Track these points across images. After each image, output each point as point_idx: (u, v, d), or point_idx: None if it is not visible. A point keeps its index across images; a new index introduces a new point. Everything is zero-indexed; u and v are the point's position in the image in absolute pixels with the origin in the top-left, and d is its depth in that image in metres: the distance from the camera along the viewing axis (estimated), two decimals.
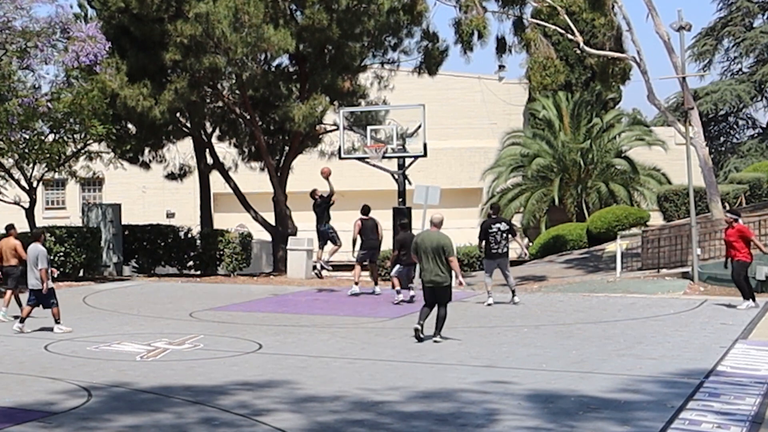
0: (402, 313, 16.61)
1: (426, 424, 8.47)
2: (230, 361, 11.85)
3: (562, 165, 39.14)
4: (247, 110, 26.25)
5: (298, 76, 26.69)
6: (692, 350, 12.30)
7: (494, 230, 17.49)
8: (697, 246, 22.23)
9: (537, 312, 16.64)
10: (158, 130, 26.18)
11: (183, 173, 30.06)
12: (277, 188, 27.22)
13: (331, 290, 20.78)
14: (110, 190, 40.94)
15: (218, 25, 22.65)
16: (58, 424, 8.52)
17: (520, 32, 27.22)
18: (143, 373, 10.94)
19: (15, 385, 10.24)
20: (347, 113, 24.74)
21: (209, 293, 20.13)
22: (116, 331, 14.57)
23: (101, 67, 23.76)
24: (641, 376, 10.59)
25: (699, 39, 56.02)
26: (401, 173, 22.41)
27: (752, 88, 54.26)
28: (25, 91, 22.70)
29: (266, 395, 9.69)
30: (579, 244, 34.16)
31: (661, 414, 8.72)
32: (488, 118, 44.38)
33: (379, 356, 12.17)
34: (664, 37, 24.93)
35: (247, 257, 27.00)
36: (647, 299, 18.74)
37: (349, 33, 24.72)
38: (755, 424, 8.39)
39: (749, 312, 15.92)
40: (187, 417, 8.76)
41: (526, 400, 9.36)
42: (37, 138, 23.55)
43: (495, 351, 12.39)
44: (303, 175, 34.90)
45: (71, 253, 23.47)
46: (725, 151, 56.70)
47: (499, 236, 17.48)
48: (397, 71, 28.63)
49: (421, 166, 27.22)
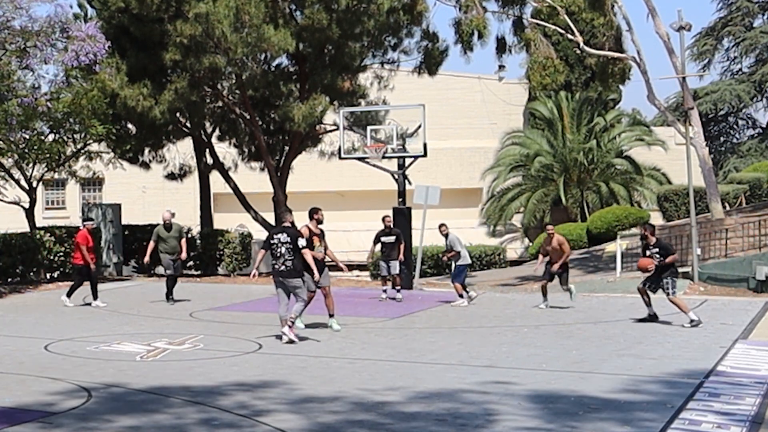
0: (402, 313, 16.62)
1: (426, 424, 8.47)
2: (230, 361, 11.84)
3: (563, 165, 39.14)
4: (247, 110, 26.25)
5: (298, 76, 26.68)
6: (692, 350, 12.30)
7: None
8: (697, 246, 22.24)
9: (537, 312, 16.64)
10: (158, 130, 26.17)
11: (183, 173, 30.05)
12: (277, 188, 27.21)
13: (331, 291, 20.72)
14: (110, 190, 40.94)
15: (218, 25, 22.64)
16: (58, 424, 8.51)
17: (520, 32, 27.23)
18: (143, 373, 10.94)
19: (15, 385, 10.24)
20: (347, 113, 24.74)
21: (209, 293, 20.12)
22: (116, 331, 14.56)
23: (101, 67, 23.75)
24: (641, 376, 10.59)
25: (699, 39, 56.03)
26: (401, 173, 22.41)
27: (752, 88, 54.27)
28: (24, 91, 22.68)
29: (266, 395, 9.68)
30: (579, 244, 34.16)
31: (661, 414, 8.71)
32: (488, 118, 44.39)
33: (379, 356, 12.17)
34: (664, 37, 24.95)
35: (247, 257, 26.98)
36: None
37: (349, 33, 24.71)
38: (755, 424, 8.38)
39: (749, 312, 15.92)
40: (187, 417, 8.76)
41: (526, 400, 9.36)
42: (37, 138, 23.53)
43: (495, 351, 12.39)
44: (303, 175, 34.96)
45: (71, 253, 23.42)
46: (725, 151, 56.71)
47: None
48: (397, 71, 28.60)
49: (421, 166, 27.22)
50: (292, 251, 13.20)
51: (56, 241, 23.10)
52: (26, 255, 22.46)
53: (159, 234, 18.50)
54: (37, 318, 16.29)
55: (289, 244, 13.20)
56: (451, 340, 13.39)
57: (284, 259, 13.22)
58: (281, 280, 13.36)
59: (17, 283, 22.34)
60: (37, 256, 22.60)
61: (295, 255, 13.21)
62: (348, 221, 40.27)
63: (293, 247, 13.18)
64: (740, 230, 23.42)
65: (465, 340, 13.32)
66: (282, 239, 13.27)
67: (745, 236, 23.33)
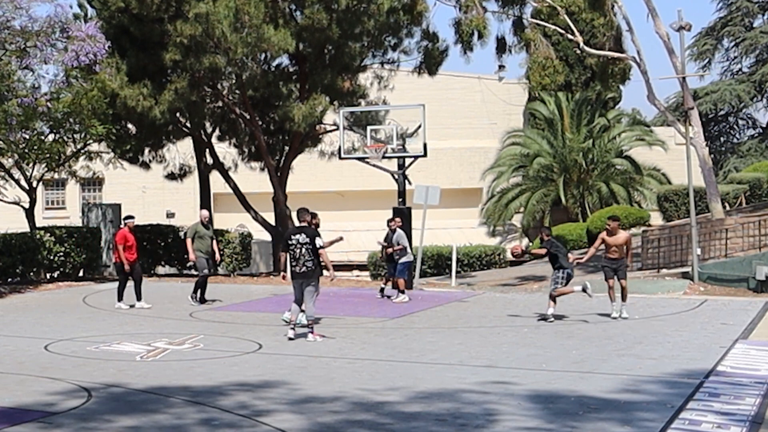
0: (402, 313, 16.61)
1: (426, 424, 8.47)
2: (230, 361, 11.84)
3: (563, 165, 39.14)
4: (247, 110, 26.25)
5: (298, 76, 26.68)
6: (692, 350, 12.30)
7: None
8: (697, 246, 22.24)
9: (537, 312, 16.63)
10: (158, 130, 26.17)
11: (183, 173, 30.05)
12: (277, 188, 27.22)
13: (331, 291, 20.75)
14: (110, 190, 40.93)
15: (218, 25, 22.64)
16: (58, 424, 8.51)
17: (519, 32, 27.22)
18: (143, 373, 10.94)
19: (15, 385, 10.23)
20: (347, 113, 24.74)
21: (209, 293, 20.10)
22: (116, 331, 14.56)
23: (101, 67, 23.75)
24: (641, 376, 10.59)
25: (699, 39, 56.03)
26: (401, 173, 22.40)
27: (752, 88, 54.26)
28: (24, 91, 22.68)
29: (266, 395, 9.68)
30: (579, 244, 34.17)
31: (661, 414, 8.71)
32: (488, 118, 44.39)
33: (379, 356, 12.17)
34: (664, 37, 24.93)
35: (247, 257, 26.98)
36: (647, 299, 18.75)
37: (349, 33, 24.71)
38: (755, 424, 8.38)
39: (749, 312, 15.91)
40: (187, 417, 8.76)
41: (527, 400, 9.36)
42: (37, 138, 23.53)
43: (495, 351, 12.39)
44: (303, 175, 34.96)
45: (71, 253, 23.47)
46: (725, 151, 56.72)
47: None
48: (397, 71, 28.61)
49: (421, 166, 27.21)
50: (311, 251, 13.11)
51: (56, 241, 23.10)
52: (26, 255, 22.46)
53: (197, 232, 18.11)
54: (37, 318, 16.29)
55: (309, 245, 13.10)
56: (451, 340, 13.39)
57: (304, 260, 13.11)
58: (301, 282, 13.25)
59: (17, 283, 22.33)
60: (37, 256, 22.60)
61: (314, 255, 13.13)
62: (348, 221, 40.28)
63: (312, 247, 13.12)
64: (740, 230, 23.42)
65: (465, 340, 13.32)
66: (301, 240, 13.15)
67: (745, 236, 23.33)
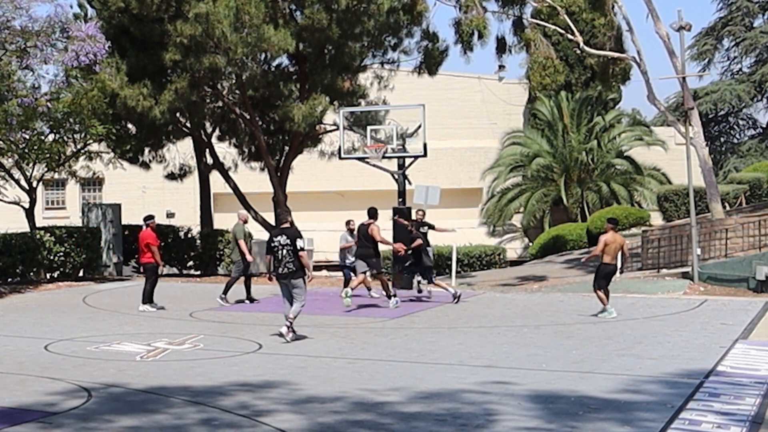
0: (402, 313, 16.61)
1: (426, 424, 8.47)
2: (230, 361, 11.84)
3: (564, 165, 39.14)
4: (247, 110, 26.24)
5: (298, 76, 26.67)
6: (692, 350, 12.30)
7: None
8: (697, 246, 22.24)
9: (537, 312, 16.64)
10: (158, 130, 26.16)
11: (183, 173, 30.03)
12: (277, 188, 27.20)
13: (331, 291, 20.76)
14: (110, 190, 40.92)
15: (218, 25, 22.62)
16: (58, 424, 8.51)
17: (520, 32, 27.19)
18: (143, 373, 10.94)
19: (15, 385, 10.24)
20: (347, 113, 24.73)
21: (209, 293, 20.11)
22: (116, 331, 14.57)
23: (101, 67, 23.74)
24: (641, 376, 10.59)
25: (699, 39, 56.00)
26: (401, 173, 22.40)
27: (752, 88, 54.23)
28: (24, 91, 22.68)
29: (266, 395, 9.69)
30: (579, 244, 34.16)
31: (661, 414, 8.72)
32: (488, 118, 44.38)
33: (379, 356, 12.17)
34: (664, 37, 24.93)
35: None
36: (647, 299, 18.76)
37: (349, 33, 24.69)
38: (755, 424, 8.39)
39: (749, 312, 15.91)
40: (187, 417, 8.76)
41: (527, 400, 9.36)
42: (37, 138, 23.53)
43: (495, 351, 12.39)
44: (303, 175, 34.95)
45: (71, 253, 23.47)
46: (725, 151, 56.70)
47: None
48: (397, 71, 28.59)
49: (421, 166, 27.21)
50: (293, 253, 13.19)
51: (56, 241, 23.10)
52: (26, 255, 22.46)
53: (245, 233, 18.18)
54: (37, 318, 16.29)
55: (290, 246, 13.19)
56: (451, 340, 13.39)
57: (286, 261, 13.22)
58: (284, 282, 13.36)
59: (17, 283, 22.34)
60: (37, 256, 22.60)
61: (296, 256, 13.21)
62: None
63: (293, 248, 13.18)
64: (740, 230, 23.42)
65: (465, 340, 13.32)
66: (282, 241, 13.26)
67: (745, 236, 23.33)
